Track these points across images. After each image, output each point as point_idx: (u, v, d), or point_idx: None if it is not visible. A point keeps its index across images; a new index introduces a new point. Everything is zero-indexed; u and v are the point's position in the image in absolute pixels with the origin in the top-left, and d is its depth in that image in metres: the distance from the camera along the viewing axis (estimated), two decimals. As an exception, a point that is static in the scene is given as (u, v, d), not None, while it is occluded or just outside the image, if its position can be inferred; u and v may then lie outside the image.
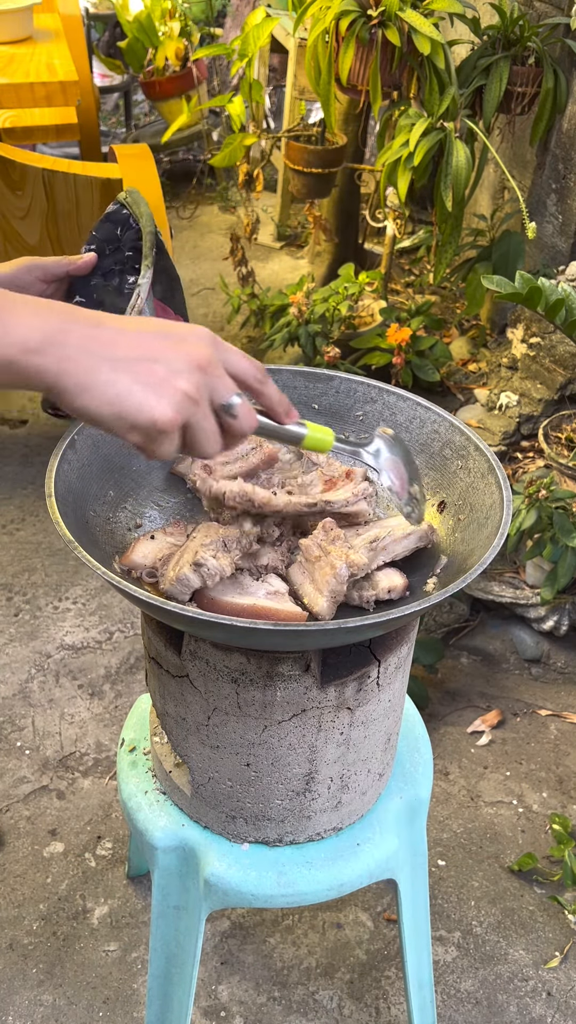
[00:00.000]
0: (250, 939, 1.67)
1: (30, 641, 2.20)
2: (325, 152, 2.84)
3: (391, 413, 1.21)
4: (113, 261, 1.12)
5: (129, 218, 1.12)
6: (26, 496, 2.63)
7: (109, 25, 4.65)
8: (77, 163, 1.99)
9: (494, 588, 2.20)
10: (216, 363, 0.78)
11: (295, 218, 3.99)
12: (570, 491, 2.07)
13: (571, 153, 2.54)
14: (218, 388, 0.78)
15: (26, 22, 2.75)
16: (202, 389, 0.77)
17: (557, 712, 2.11)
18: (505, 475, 1.05)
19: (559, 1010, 1.59)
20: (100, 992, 1.58)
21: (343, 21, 2.24)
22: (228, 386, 0.79)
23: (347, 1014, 1.57)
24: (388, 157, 2.28)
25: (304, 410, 1.25)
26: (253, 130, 2.79)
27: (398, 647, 1.06)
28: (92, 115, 2.99)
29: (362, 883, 1.17)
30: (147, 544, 1.06)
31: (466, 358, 2.91)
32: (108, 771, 1.92)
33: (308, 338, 2.64)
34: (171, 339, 0.77)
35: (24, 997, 1.57)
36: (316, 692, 1.02)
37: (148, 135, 4.41)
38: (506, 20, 2.40)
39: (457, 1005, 1.59)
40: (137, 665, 2.16)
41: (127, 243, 1.12)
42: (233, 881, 1.13)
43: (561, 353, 2.42)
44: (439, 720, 2.08)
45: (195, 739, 1.10)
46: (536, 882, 1.77)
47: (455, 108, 2.26)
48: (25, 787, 1.89)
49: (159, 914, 1.23)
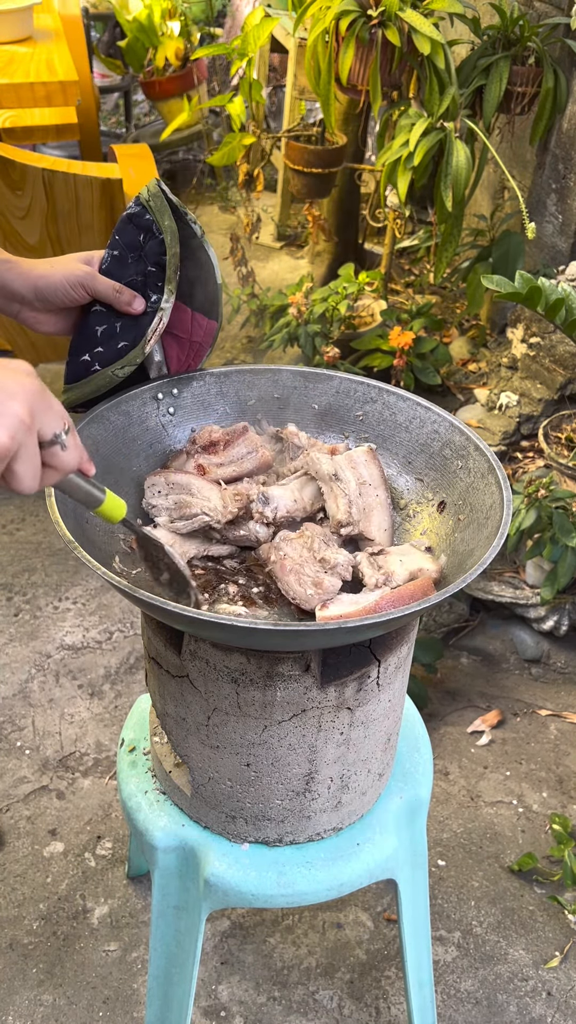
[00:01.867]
0: (250, 939, 1.67)
1: (30, 641, 2.20)
2: (325, 152, 2.84)
3: (391, 413, 1.21)
4: (135, 271, 1.11)
5: (153, 224, 1.12)
6: (26, 496, 2.63)
7: (109, 25, 4.65)
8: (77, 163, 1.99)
9: (494, 588, 2.20)
10: (47, 394, 0.77)
11: (295, 218, 3.99)
12: (570, 491, 2.07)
13: (571, 153, 2.54)
14: (48, 419, 0.77)
15: (26, 22, 2.75)
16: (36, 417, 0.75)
17: (557, 712, 2.11)
18: (505, 475, 1.05)
19: (559, 1010, 1.59)
20: (100, 992, 1.58)
21: (343, 21, 2.24)
22: (58, 416, 0.78)
23: (347, 1014, 1.57)
24: (388, 157, 2.28)
25: (304, 410, 1.25)
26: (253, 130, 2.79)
27: (398, 647, 1.06)
28: (92, 115, 2.99)
29: (362, 883, 1.17)
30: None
31: (466, 358, 2.91)
32: (108, 771, 1.92)
33: (308, 338, 2.64)
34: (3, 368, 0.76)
35: (24, 997, 1.57)
36: (316, 692, 1.02)
37: (148, 135, 4.41)
38: (506, 20, 2.40)
39: (457, 1005, 1.59)
40: (137, 665, 2.16)
41: (151, 256, 1.11)
42: (233, 881, 1.13)
43: (561, 353, 2.42)
44: (439, 720, 2.08)
45: (195, 739, 1.10)
46: (536, 882, 1.77)
47: (455, 108, 2.26)
48: (25, 787, 1.89)
49: (159, 914, 1.23)
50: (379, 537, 1.12)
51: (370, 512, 1.13)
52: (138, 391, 1.16)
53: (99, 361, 1.12)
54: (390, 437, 1.21)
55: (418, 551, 1.09)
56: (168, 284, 1.10)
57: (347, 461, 1.14)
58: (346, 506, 1.10)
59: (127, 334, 1.11)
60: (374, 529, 1.12)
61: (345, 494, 1.10)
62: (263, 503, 1.10)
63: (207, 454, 1.17)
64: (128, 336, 1.11)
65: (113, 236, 1.13)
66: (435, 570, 1.05)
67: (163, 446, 1.20)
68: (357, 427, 1.23)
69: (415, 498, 1.17)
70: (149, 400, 1.18)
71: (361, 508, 1.12)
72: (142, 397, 1.17)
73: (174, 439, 1.21)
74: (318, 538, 1.09)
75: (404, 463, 1.19)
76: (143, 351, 1.11)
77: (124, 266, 1.11)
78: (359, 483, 1.13)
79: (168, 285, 1.10)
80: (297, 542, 1.09)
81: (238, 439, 1.18)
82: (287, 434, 1.21)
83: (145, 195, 1.13)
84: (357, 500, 1.12)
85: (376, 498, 1.13)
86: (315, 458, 1.13)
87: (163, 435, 1.19)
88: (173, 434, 1.21)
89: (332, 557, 1.06)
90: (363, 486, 1.13)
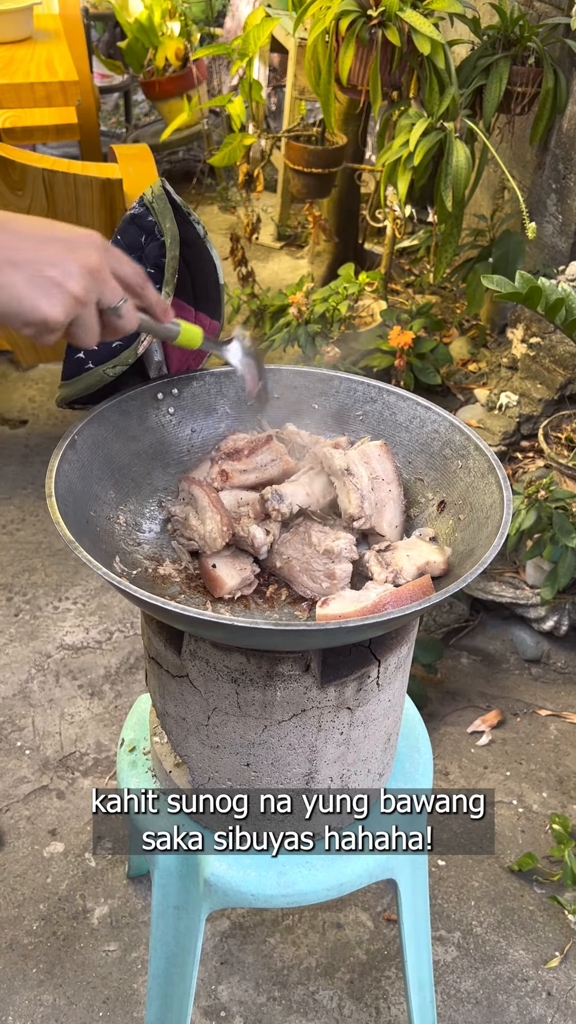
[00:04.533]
0: (250, 939, 1.66)
1: (30, 641, 2.20)
2: (325, 152, 2.84)
3: (391, 413, 1.21)
4: None
5: (155, 227, 1.12)
6: (26, 496, 2.63)
7: (109, 25, 4.64)
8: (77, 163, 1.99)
9: (494, 588, 2.20)
10: (105, 268, 0.86)
11: (295, 218, 3.99)
12: (570, 491, 2.07)
13: (571, 153, 2.54)
14: (105, 292, 0.86)
15: (26, 22, 2.75)
16: (91, 293, 0.84)
17: (557, 712, 2.11)
18: (505, 474, 1.05)
19: (559, 1010, 1.59)
20: (100, 992, 1.58)
21: (343, 21, 2.24)
22: (115, 290, 0.87)
23: (347, 1014, 1.57)
24: (388, 157, 2.28)
25: (304, 410, 1.25)
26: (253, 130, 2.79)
27: (398, 647, 1.06)
28: (92, 115, 2.99)
29: (362, 883, 1.17)
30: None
31: (466, 358, 2.91)
32: (108, 771, 1.92)
33: (308, 338, 2.64)
34: (66, 244, 0.84)
35: (24, 997, 1.57)
36: (316, 692, 1.02)
37: (148, 135, 4.41)
38: (506, 20, 2.40)
39: (457, 1005, 1.59)
40: (137, 665, 2.16)
41: (151, 257, 1.12)
42: (233, 881, 1.13)
43: (561, 353, 2.42)
44: (439, 720, 2.08)
45: (195, 739, 1.10)
46: (536, 882, 1.77)
47: (455, 108, 2.26)
48: (25, 787, 1.89)
49: (159, 914, 1.23)
50: (389, 533, 1.12)
51: (382, 508, 1.13)
52: (138, 391, 1.16)
53: (92, 359, 1.12)
54: (390, 437, 1.21)
55: (424, 543, 1.09)
56: (166, 286, 1.11)
57: (360, 456, 1.14)
58: (358, 500, 1.10)
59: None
60: (385, 525, 1.12)
61: (357, 488, 1.11)
62: (278, 500, 1.10)
63: (231, 460, 1.18)
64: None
65: (115, 236, 1.13)
66: (442, 561, 1.05)
67: (163, 446, 1.20)
68: (357, 427, 1.23)
69: (415, 498, 1.18)
70: (149, 400, 1.18)
71: (373, 503, 1.12)
72: (142, 397, 1.17)
73: (174, 439, 1.21)
74: (314, 531, 1.09)
75: (404, 463, 1.19)
76: (135, 352, 1.11)
77: None
78: (372, 478, 1.13)
79: (166, 287, 1.11)
80: (295, 541, 1.09)
81: (262, 447, 1.19)
82: (287, 434, 1.22)
83: (149, 196, 1.13)
84: (369, 495, 1.12)
85: (389, 493, 1.14)
86: (327, 453, 1.13)
87: (163, 435, 1.20)
88: (173, 434, 1.21)
89: (334, 546, 1.06)
90: (376, 481, 1.13)
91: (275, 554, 1.09)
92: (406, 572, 1.05)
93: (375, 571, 1.06)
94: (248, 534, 1.10)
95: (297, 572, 1.08)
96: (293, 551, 1.09)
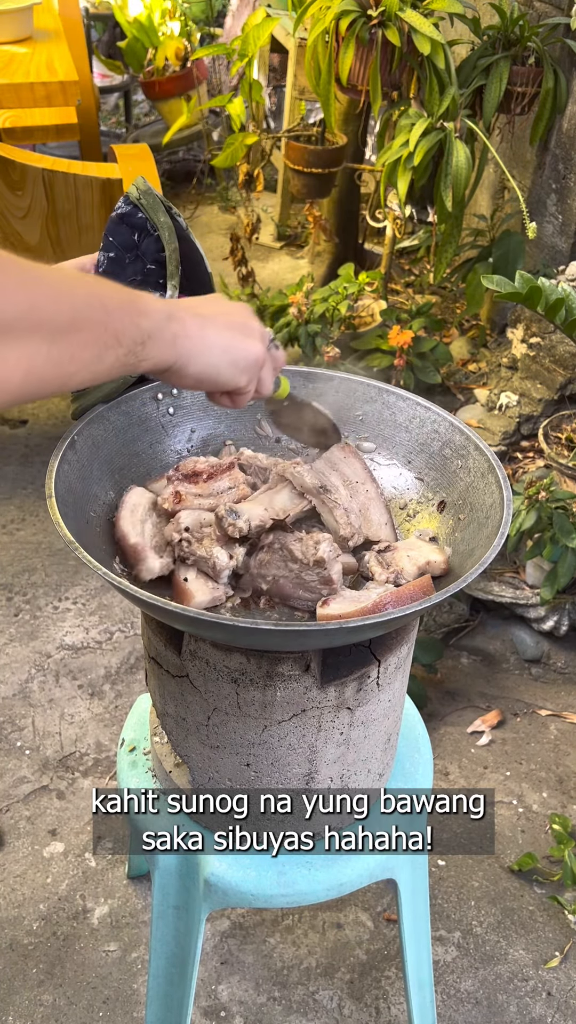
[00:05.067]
0: (250, 939, 1.67)
1: (30, 641, 2.20)
2: (325, 152, 2.84)
3: (391, 413, 1.21)
4: (134, 271, 1.11)
5: (147, 223, 1.11)
6: (26, 496, 2.63)
7: (109, 25, 4.64)
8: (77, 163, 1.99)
9: (494, 588, 2.20)
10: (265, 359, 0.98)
11: (295, 218, 3.99)
12: (570, 491, 2.07)
13: (571, 153, 2.54)
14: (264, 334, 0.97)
15: (26, 22, 2.75)
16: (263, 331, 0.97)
17: (557, 712, 2.11)
18: (505, 474, 1.05)
19: (559, 1010, 1.59)
20: (100, 992, 1.58)
21: (343, 21, 2.24)
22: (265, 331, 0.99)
23: (347, 1014, 1.57)
24: (388, 157, 2.28)
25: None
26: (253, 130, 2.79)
27: (398, 647, 1.06)
28: (92, 115, 2.99)
29: (362, 883, 1.17)
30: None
31: (466, 358, 2.91)
32: (108, 771, 1.92)
33: (308, 338, 2.64)
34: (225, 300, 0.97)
35: (24, 997, 1.57)
36: (316, 692, 1.02)
37: (148, 135, 4.40)
38: (506, 20, 2.40)
39: (457, 1005, 1.59)
40: (137, 665, 2.16)
41: (148, 254, 1.11)
42: (233, 881, 1.13)
43: (561, 353, 2.42)
44: (439, 720, 2.08)
45: (195, 739, 1.10)
46: (536, 882, 1.77)
47: (455, 108, 2.26)
48: (25, 787, 1.89)
49: (159, 914, 1.23)
50: (382, 533, 1.12)
51: (366, 511, 1.12)
52: (138, 391, 1.16)
53: None
54: (390, 437, 1.21)
55: (424, 543, 1.09)
56: (171, 280, 1.10)
57: (327, 465, 1.13)
58: (344, 517, 1.08)
59: None
60: (375, 528, 1.12)
61: (338, 504, 1.09)
62: (234, 517, 1.05)
63: (187, 483, 1.13)
64: None
65: (105, 238, 1.13)
66: (443, 560, 1.05)
67: (163, 446, 1.20)
68: (357, 427, 1.23)
69: (415, 498, 1.17)
70: (149, 400, 1.18)
71: (358, 512, 1.11)
72: (142, 397, 1.17)
73: (174, 439, 1.21)
74: (292, 544, 1.05)
75: (404, 463, 1.19)
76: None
77: (122, 267, 1.11)
78: (346, 485, 1.12)
79: (171, 281, 1.10)
80: (275, 560, 1.05)
81: (222, 474, 1.14)
82: (246, 458, 1.18)
83: (135, 193, 1.12)
84: (352, 506, 1.11)
85: (367, 494, 1.13)
86: (296, 472, 1.10)
87: (163, 435, 1.19)
88: (173, 434, 1.21)
89: (322, 552, 1.02)
90: (351, 487, 1.12)
91: (257, 578, 1.05)
92: (407, 572, 1.05)
93: (375, 571, 1.06)
94: (209, 555, 1.03)
95: (291, 589, 1.04)
96: (277, 570, 1.05)
